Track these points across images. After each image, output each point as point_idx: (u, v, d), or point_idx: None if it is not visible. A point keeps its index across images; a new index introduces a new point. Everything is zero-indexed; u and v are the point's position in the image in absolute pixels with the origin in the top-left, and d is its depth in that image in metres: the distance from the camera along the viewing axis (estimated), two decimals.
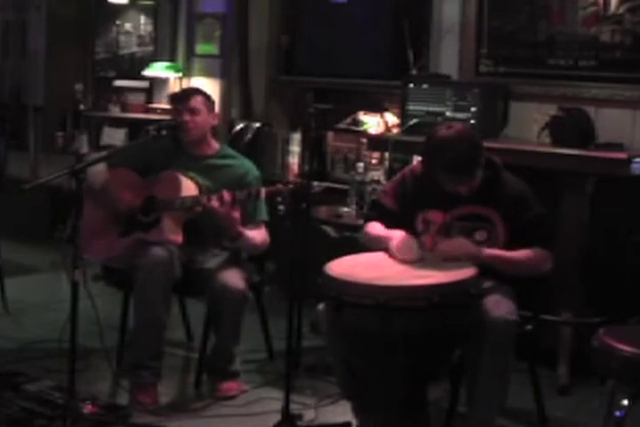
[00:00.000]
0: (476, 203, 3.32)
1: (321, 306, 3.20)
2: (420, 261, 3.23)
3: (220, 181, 3.83)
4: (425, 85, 4.51)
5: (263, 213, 3.90)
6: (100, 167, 3.84)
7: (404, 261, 3.23)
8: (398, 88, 4.65)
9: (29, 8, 7.31)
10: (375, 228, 3.47)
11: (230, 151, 4.06)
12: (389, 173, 4.64)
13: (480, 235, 3.30)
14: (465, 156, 3.22)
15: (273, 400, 3.67)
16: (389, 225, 3.43)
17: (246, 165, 3.98)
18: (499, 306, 3.10)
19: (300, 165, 5.59)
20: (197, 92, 4.02)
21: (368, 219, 3.59)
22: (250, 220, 3.82)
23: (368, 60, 5.45)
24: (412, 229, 3.39)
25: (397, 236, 3.31)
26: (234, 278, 3.71)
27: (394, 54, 5.21)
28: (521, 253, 3.27)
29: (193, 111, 3.88)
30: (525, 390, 3.52)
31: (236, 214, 3.65)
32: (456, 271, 3.08)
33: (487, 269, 3.19)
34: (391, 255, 3.28)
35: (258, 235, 3.85)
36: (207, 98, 3.98)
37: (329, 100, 5.55)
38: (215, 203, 3.61)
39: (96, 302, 3.50)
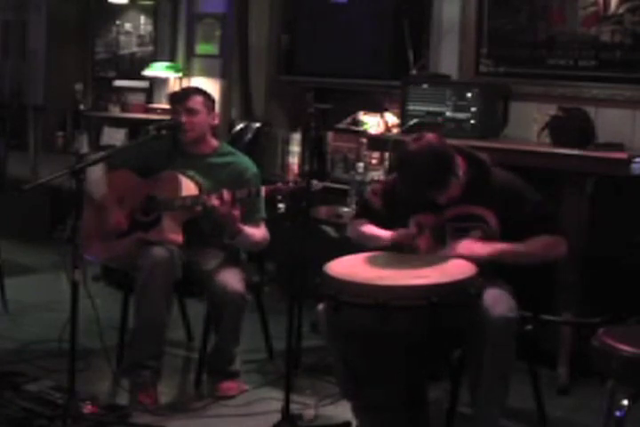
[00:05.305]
0: (468, 202, 3.29)
1: (321, 306, 3.20)
2: (419, 261, 3.23)
3: (220, 179, 3.83)
4: (425, 85, 4.51)
5: (262, 212, 3.89)
6: (99, 176, 3.84)
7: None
8: (398, 88, 4.66)
9: (29, 8, 7.31)
10: (367, 226, 3.48)
11: (229, 149, 4.05)
12: (389, 173, 4.63)
13: (475, 234, 3.29)
14: (427, 172, 3.16)
15: (273, 400, 3.66)
16: (375, 224, 3.45)
17: (245, 163, 3.97)
18: (498, 303, 3.09)
19: (300, 165, 5.59)
20: (197, 91, 3.98)
21: (356, 216, 3.62)
22: (249, 218, 3.81)
23: (368, 60, 5.44)
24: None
25: (388, 234, 3.34)
26: (233, 281, 3.71)
27: (394, 54, 5.20)
28: (529, 244, 3.23)
29: (191, 112, 3.85)
30: (525, 390, 3.51)
31: (236, 212, 3.65)
32: (455, 271, 3.08)
33: (488, 268, 3.19)
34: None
35: (257, 232, 3.85)
36: (207, 98, 3.94)
37: (329, 100, 5.55)
38: (215, 202, 3.61)
39: (96, 302, 3.50)
